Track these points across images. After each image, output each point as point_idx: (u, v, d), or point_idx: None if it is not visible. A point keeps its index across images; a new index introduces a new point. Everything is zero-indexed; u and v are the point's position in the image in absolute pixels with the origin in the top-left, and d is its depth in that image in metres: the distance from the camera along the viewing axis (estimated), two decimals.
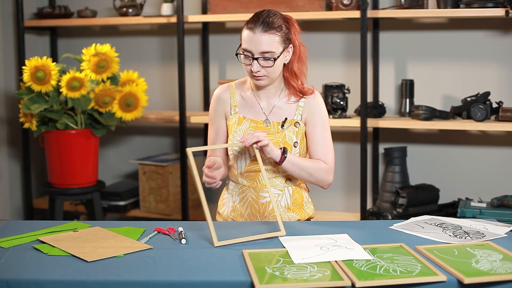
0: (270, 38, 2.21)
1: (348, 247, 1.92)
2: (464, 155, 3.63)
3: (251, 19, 2.24)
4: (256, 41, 2.20)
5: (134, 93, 3.52)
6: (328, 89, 3.60)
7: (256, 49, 2.21)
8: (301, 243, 1.97)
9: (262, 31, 2.20)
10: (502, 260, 1.80)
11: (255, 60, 2.22)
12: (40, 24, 4.03)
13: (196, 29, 4.04)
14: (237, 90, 2.40)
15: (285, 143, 2.30)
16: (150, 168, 3.93)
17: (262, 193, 2.34)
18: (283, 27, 2.24)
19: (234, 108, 2.37)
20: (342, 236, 2.04)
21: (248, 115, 2.35)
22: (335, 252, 1.87)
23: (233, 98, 2.39)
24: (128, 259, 1.84)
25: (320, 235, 2.06)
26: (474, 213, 3.12)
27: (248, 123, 2.34)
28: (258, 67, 2.22)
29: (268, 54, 2.21)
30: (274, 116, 2.35)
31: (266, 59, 2.22)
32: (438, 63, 3.62)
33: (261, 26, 2.20)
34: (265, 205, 2.34)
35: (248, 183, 2.36)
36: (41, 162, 4.28)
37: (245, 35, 2.23)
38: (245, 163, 2.34)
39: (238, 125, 2.34)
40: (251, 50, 2.21)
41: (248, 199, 2.36)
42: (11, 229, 2.14)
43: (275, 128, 2.33)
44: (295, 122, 2.33)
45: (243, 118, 2.35)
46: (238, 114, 2.36)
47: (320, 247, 1.93)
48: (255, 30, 2.20)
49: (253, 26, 2.21)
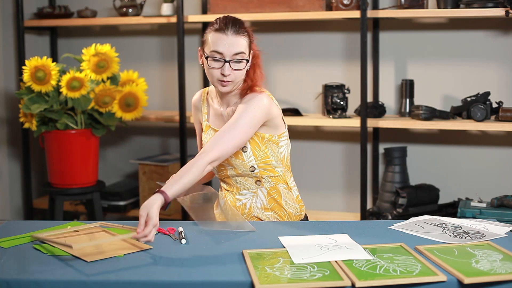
0: (241, 40, 2.19)
1: (348, 247, 1.92)
2: (464, 155, 3.63)
3: (219, 23, 2.21)
4: (229, 43, 2.16)
5: (134, 93, 3.52)
6: (328, 89, 3.60)
7: (229, 51, 2.17)
8: (301, 243, 1.97)
9: (234, 33, 2.17)
10: (502, 260, 1.80)
11: (226, 63, 2.17)
12: (40, 24, 4.03)
13: (196, 29, 4.04)
14: (209, 96, 2.40)
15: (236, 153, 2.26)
16: (150, 168, 3.93)
17: (238, 195, 2.35)
18: (247, 31, 2.24)
19: (204, 115, 2.39)
20: (342, 236, 2.04)
21: (212, 122, 2.36)
22: (335, 252, 1.87)
23: (204, 106, 2.40)
24: (128, 259, 1.84)
25: (320, 235, 2.06)
26: (474, 213, 3.12)
27: (212, 132, 2.34)
28: (230, 70, 2.17)
29: (239, 55, 2.19)
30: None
31: (238, 62, 2.19)
32: (438, 63, 3.62)
33: (233, 29, 2.18)
34: (241, 207, 2.34)
35: (226, 187, 2.39)
36: (41, 162, 4.28)
37: (215, 37, 2.19)
38: (216, 170, 2.36)
39: (204, 133, 2.37)
40: (222, 52, 2.17)
41: (228, 202, 2.37)
42: (11, 229, 2.14)
43: None
44: None
45: (208, 126, 2.37)
46: (206, 122, 2.38)
47: (320, 247, 1.93)
48: (227, 32, 2.17)
49: (223, 28, 2.18)
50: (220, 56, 2.18)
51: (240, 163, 2.28)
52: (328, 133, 3.84)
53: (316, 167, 3.92)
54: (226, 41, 2.17)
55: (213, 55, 2.18)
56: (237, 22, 2.22)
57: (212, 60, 2.19)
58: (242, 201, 2.35)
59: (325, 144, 3.83)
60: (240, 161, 2.28)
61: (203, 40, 2.25)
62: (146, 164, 3.95)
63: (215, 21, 2.23)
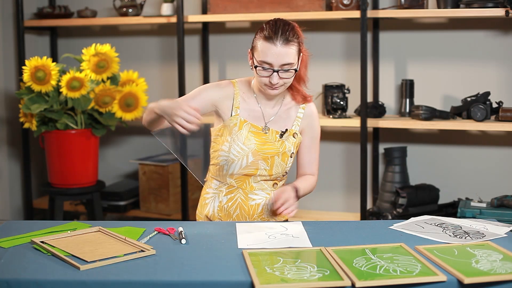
0: (291, 50, 2.18)
1: (294, 236, 2.04)
2: (464, 155, 3.63)
3: (268, 30, 2.18)
4: (277, 54, 2.16)
5: (134, 93, 3.52)
6: (328, 89, 3.60)
7: (278, 62, 2.17)
8: (253, 230, 2.10)
9: (283, 43, 2.16)
10: (502, 260, 1.80)
11: (275, 73, 2.18)
12: (40, 24, 4.03)
13: (196, 29, 4.04)
14: (240, 91, 2.35)
15: (284, 154, 2.32)
16: (150, 168, 3.93)
17: (251, 195, 2.35)
18: (298, 36, 2.22)
19: (236, 109, 2.33)
20: (295, 224, 2.17)
21: (249, 119, 2.33)
22: (280, 241, 1.99)
23: (236, 99, 2.34)
24: (128, 259, 1.83)
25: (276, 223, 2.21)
26: (474, 213, 3.12)
27: (248, 127, 2.31)
28: (278, 79, 2.19)
29: (288, 65, 2.19)
30: (274, 124, 2.34)
31: (286, 71, 2.19)
32: (438, 63, 3.62)
33: (282, 39, 2.16)
34: (254, 207, 2.34)
35: (237, 184, 2.35)
36: (41, 162, 4.28)
37: (264, 47, 2.18)
38: (239, 166, 2.31)
39: (240, 128, 2.30)
40: (271, 62, 2.17)
41: (237, 200, 2.35)
42: (11, 229, 2.14)
43: (273, 136, 2.32)
44: (293, 133, 2.35)
45: (244, 121, 2.31)
46: (239, 117, 2.32)
47: (268, 235, 2.06)
48: (276, 43, 2.16)
49: (272, 38, 2.16)
50: (269, 66, 2.18)
51: (281, 165, 2.33)
52: (328, 133, 3.84)
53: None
54: (275, 51, 2.16)
55: (262, 65, 2.19)
56: (286, 29, 2.19)
57: (261, 69, 2.19)
58: (255, 201, 2.35)
59: (325, 144, 3.83)
60: (283, 164, 2.33)
61: (253, 45, 2.24)
62: (146, 164, 3.94)
63: (265, 26, 2.21)
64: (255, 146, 2.29)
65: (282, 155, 2.31)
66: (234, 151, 2.29)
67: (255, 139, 2.30)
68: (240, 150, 2.29)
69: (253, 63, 2.23)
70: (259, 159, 2.30)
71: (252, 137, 2.30)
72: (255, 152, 2.29)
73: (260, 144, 2.30)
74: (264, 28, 2.21)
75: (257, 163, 2.30)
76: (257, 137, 2.30)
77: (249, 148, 2.29)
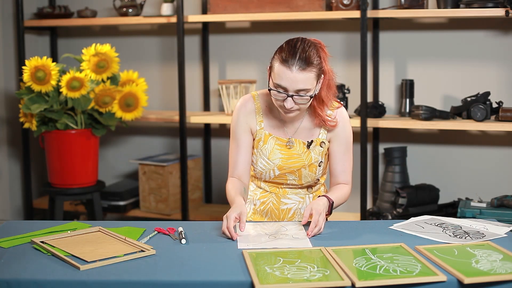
0: (307, 76, 2.08)
1: (294, 236, 2.03)
2: (464, 155, 3.63)
3: (286, 52, 2.09)
4: (292, 79, 2.06)
5: (134, 93, 3.52)
6: None
7: (292, 87, 2.07)
8: (253, 230, 2.10)
9: (299, 69, 2.06)
10: (502, 260, 1.80)
11: (289, 98, 2.09)
12: (40, 24, 4.03)
13: (196, 29, 4.04)
14: (262, 104, 2.29)
15: (311, 165, 2.28)
16: (150, 168, 3.93)
17: (284, 199, 2.35)
18: (318, 59, 2.12)
19: (259, 123, 2.28)
20: (296, 225, 2.17)
21: (273, 132, 2.28)
22: (279, 241, 2.00)
23: (259, 113, 2.28)
24: (128, 259, 1.83)
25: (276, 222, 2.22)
26: (474, 213, 3.12)
27: (274, 140, 2.27)
28: (292, 104, 2.10)
29: (303, 91, 2.09)
30: (299, 135, 2.28)
31: (301, 96, 2.10)
32: (438, 63, 3.62)
33: (299, 64, 2.06)
34: (285, 211, 2.36)
35: (270, 189, 2.36)
36: (41, 162, 4.28)
37: (279, 70, 2.08)
38: (268, 177, 2.32)
39: (264, 143, 2.27)
40: (286, 87, 2.08)
41: (269, 204, 2.36)
42: (11, 229, 2.14)
43: (301, 147, 2.27)
44: (320, 142, 2.29)
45: (269, 135, 2.27)
46: (264, 131, 2.28)
47: (268, 235, 2.06)
48: (292, 68, 2.06)
49: (289, 61, 2.06)
50: (283, 90, 2.10)
51: (311, 175, 2.30)
52: None
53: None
54: (290, 76, 2.06)
55: (277, 88, 2.11)
56: (305, 53, 2.08)
57: (276, 92, 2.11)
58: (287, 205, 2.35)
59: None
60: (312, 174, 2.30)
61: (271, 64, 2.15)
62: (146, 164, 3.94)
63: (284, 46, 2.12)
64: (280, 161, 2.26)
65: (309, 167, 2.28)
66: (260, 164, 2.29)
67: (281, 152, 2.27)
68: (266, 164, 2.28)
69: (270, 82, 2.15)
70: (286, 172, 2.29)
71: (278, 151, 2.26)
72: (280, 167, 2.27)
73: (285, 158, 2.26)
74: (283, 48, 2.12)
75: (285, 175, 2.30)
76: (283, 150, 2.27)
77: (274, 163, 2.27)
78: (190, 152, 4.03)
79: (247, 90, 3.82)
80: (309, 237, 2.02)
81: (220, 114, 3.85)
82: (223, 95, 3.76)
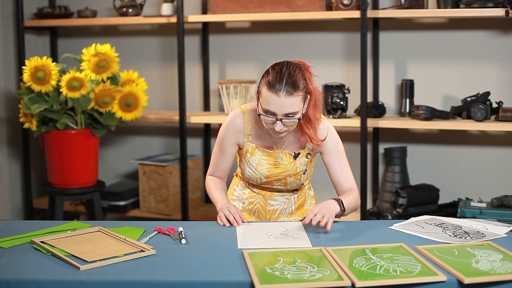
0: (295, 100, 2.13)
1: (294, 236, 2.05)
2: (464, 155, 3.63)
3: (273, 77, 2.14)
4: (280, 105, 2.12)
5: (134, 93, 3.52)
6: (328, 89, 3.60)
7: (281, 112, 2.13)
8: (253, 230, 2.12)
9: (287, 94, 2.11)
10: (502, 260, 1.80)
11: (278, 121, 2.15)
12: (40, 24, 4.03)
13: (196, 29, 4.04)
14: (251, 119, 2.34)
15: (296, 174, 2.34)
16: (150, 168, 3.93)
17: (271, 201, 2.42)
18: (304, 82, 2.16)
19: (247, 136, 2.34)
20: (296, 225, 2.18)
21: (260, 144, 2.34)
22: (280, 241, 2.01)
23: (247, 127, 2.34)
24: (128, 259, 1.83)
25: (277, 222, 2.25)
26: (474, 213, 3.12)
27: (261, 152, 2.33)
28: (282, 127, 2.16)
29: (292, 114, 2.15)
30: (286, 147, 2.35)
31: (290, 119, 2.15)
32: (438, 63, 3.62)
33: (285, 89, 2.11)
34: (271, 212, 2.42)
35: (257, 190, 2.43)
36: (41, 162, 4.28)
37: (267, 95, 2.14)
38: (260, 182, 2.38)
39: (252, 155, 2.33)
40: (274, 112, 2.14)
41: (256, 204, 2.43)
42: (11, 229, 2.14)
43: (287, 157, 2.33)
44: (306, 153, 2.35)
45: (255, 148, 2.34)
46: (251, 144, 2.34)
47: (268, 235, 2.06)
48: (279, 93, 2.11)
49: (276, 87, 2.12)
50: (272, 114, 2.15)
51: (296, 182, 2.36)
52: None
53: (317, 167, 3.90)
54: (278, 101, 2.12)
55: (266, 113, 2.16)
56: (291, 78, 2.13)
57: (265, 116, 2.16)
58: (273, 207, 2.42)
59: None
60: (297, 181, 2.36)
61: (258, 88, 2.20)
62: (146, 164, 3.94)
63: (270, 72, 2.16)
64: (267, 171, 2.33)
65: (294, 176, 2.35)
66: (248, 172, 2.35)
67: (268, 162, 2.33)
68: (253, 173, 2.34)
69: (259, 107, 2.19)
70: (273, 180, 2.36)
71: (265, 161, 2.33)
72: (267, 176, 2.34)
73: (272, 168, 2.33)
74: (269, 73, 2.17)
75: (272, 182, 2.37)
76: (270, 161, 2.33)
77: (261, 173, 2.34)
78: (190, 152, 4.03)
79: (247, 90, 3.82)
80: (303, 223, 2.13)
81: (220, 114, 3.85)
82: (223, 95, 3.76)
